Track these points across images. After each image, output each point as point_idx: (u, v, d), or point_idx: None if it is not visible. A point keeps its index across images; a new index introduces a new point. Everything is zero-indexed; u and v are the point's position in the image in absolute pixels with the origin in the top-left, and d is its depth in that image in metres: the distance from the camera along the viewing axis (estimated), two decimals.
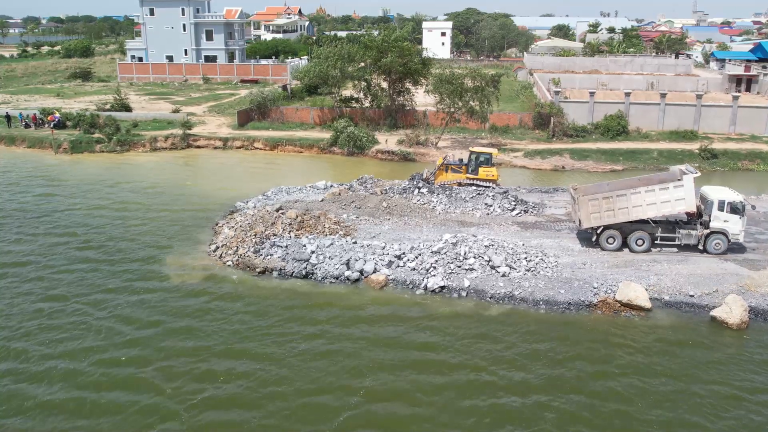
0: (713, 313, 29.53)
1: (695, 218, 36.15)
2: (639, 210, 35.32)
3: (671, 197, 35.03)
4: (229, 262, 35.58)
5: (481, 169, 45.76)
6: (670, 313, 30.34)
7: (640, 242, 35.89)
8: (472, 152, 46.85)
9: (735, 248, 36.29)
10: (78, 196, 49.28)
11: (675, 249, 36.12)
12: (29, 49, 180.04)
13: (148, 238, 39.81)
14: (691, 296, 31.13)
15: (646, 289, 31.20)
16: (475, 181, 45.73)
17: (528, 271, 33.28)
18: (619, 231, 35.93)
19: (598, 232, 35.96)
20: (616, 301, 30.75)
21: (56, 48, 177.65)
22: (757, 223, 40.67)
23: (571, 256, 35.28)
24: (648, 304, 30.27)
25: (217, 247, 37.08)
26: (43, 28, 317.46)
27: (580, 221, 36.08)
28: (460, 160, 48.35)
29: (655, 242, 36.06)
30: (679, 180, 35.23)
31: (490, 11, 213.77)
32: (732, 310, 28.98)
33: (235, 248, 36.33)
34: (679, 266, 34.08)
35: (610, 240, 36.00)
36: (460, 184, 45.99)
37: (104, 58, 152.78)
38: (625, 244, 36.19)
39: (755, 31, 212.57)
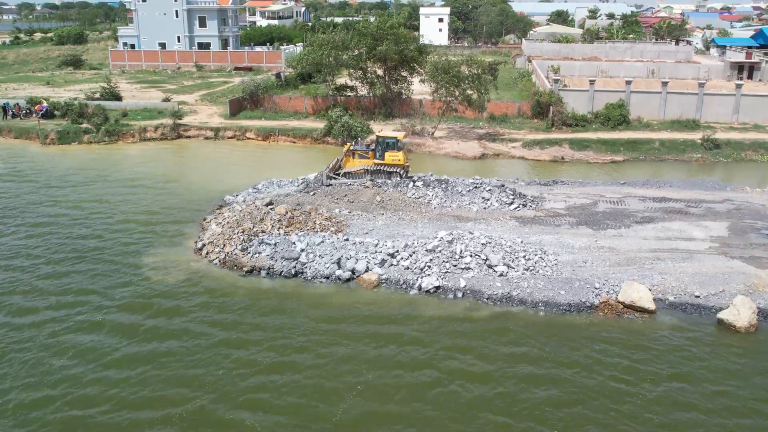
0: (720, 315, 28.20)
1: None
2: None
3: None
4: (215, 261, 34.15)
5: (387, 154, 44.86)
6: (675, 315, 29.00)
7: None
8: (378, 137, 46.25)
9: (741, 245, 35.05)
10: (61, 187, 47.74)
11: None
12: (22, 36, 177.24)
13: (130, 233, 38.31)
14: (697, 297, 29.80)
15: (650, 290, 29.86)
16: (381, 167, 44.99)
17: (527, 270, 31.89)
18: None
19: None
20: (619, 302, 29.41)
21: (49, 35, 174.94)
22: (762, 218, 39.31)
23: (571, 254, 33.89)
24: (652, 306, 28.94)
25: (203, 245, 35.62)
26: (37, 15, 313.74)
27: None
28: (367, 146, 47.92)
29: None
30: None
31: None
32: (740, 313, 27.66)
33: (222, 246, 34.89)
34: (684, 264, 32.71)
35: None
36: (367, 171, 45.31)
37: (98, 45, 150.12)
38: None
39: (755, 17, 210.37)
